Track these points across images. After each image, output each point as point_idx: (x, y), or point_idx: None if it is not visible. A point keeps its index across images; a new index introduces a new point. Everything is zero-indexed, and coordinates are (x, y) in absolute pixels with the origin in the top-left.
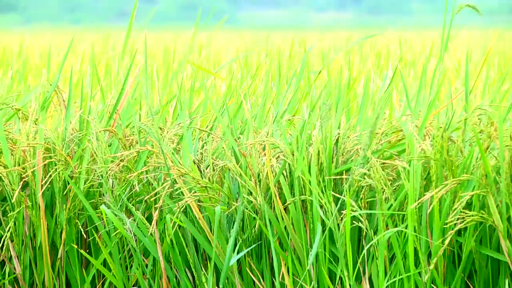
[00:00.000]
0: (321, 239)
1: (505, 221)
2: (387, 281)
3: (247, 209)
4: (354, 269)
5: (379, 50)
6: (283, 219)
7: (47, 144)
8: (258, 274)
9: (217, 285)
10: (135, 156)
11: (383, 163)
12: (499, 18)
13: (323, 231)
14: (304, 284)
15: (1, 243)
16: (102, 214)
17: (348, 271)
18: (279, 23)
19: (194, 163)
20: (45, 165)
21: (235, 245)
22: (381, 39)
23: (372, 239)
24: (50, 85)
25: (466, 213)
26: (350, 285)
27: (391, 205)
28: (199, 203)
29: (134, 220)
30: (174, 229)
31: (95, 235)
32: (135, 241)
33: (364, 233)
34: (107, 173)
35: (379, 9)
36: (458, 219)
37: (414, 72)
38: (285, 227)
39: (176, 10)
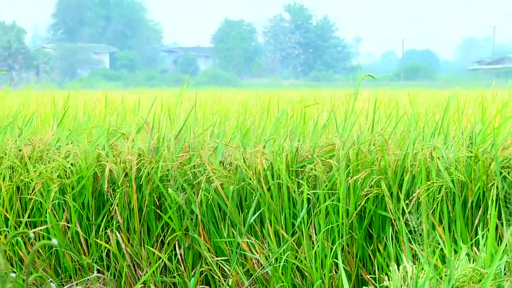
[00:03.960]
0: (288, 204)
1: (393, 194)
2: (325, 227)
3: (248, 187)
4: (307, 222)
5: (323, 100)
6: (265, 192)
7: (139, 151)
8: (254, 224)
9: (232, 228)
10: (189, 157)
11: (323, 162)
12: (387, 82)
13: (289, 200)
14: (279, 229)
15: (113, 207)
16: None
17: (303, 223)
18: (263, 86)
19: (221, 162)
20: (137, 163)
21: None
22: (322, 94)
23: (316, 205)
24: (143, 121)
25: (369, 190)
26: (303, 231)
27: (327, 185)
28: (222, 186)
29: (186, 194)
30: (209, 199)
31: (165, 202)
32: (186, 205)
33: (312, 201)
34: (172, 167)
35: (318, 78)
36: (366, 194)
37: (341, 111)
38: (268, 198)
39: (208, 79)
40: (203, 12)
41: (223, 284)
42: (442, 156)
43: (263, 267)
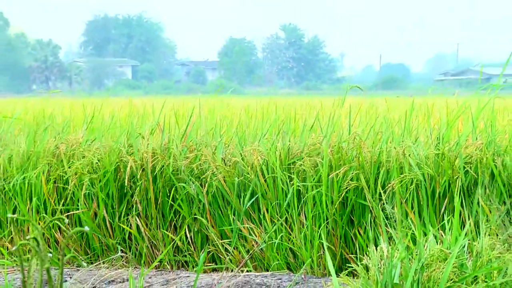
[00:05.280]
0: (282, 195)
1: (370, 186)
2: (312, 213)
3: (246, 180)
4: (297, 208)
5: (312, 106)
6: (262, 184)
7: (153, 150)
8: (252, 210)
9: (233, 215)
10: (195, 155)
11: (310, 158)
12: (367, 91)
13: (282, 191)
14: (275, 215)
15: (134, 197)
16: (181, 183)
17: (294, 210)
18: (263, 94)
19: (222, 159)
20: (152, 160)
21: (241, 196)
22: (311, 101)
23: (305, 195)
24: (155, 123)
25: (350, 182)
26: (294, 217)
27: (314, 178)
28: (224, 178)
29: (194, 185)
30: (213, 189)
31: (176, 193)
32: (195, 195)
33: (301, 191)
34: (181, 163)
35: (309, 87)
36: (347, 186)
37: (328, 115)
38: (265, 189)
39: (215, 88)
40: (211, 31)
41: (227, 261)
42: (413, 153)
43: (260, 246)
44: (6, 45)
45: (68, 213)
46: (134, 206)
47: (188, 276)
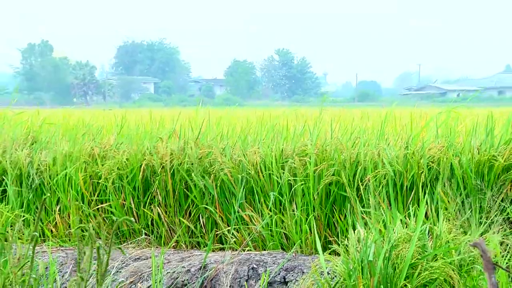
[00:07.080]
0: (276, 188)
1: (350, 180)
2: (301, 201)
3: (247, 176)
4: (288, 198)
5: (302, 115)
6: (260, 179)
7: (171, 151)
8: (253, 202)
9: (237, 204)
10: (207, 153)
11: (300, 158)
12: (346, 103)
13: (277, 185)
14: (270, 205)
15: (154, 190)
16: (193, 178)
17: (287, 200)
18: (260, 106)
19: (230, 157)
20: (170, 159)
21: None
22: (301, 111)
23: (296, 188)
24: (173, 129)
25: (332, 177)
26: (286, 205)
27: (302, 174)
28: (230, 173)
29: (205, 180)
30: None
31: (191, 185)
32: (205, 188)
33: (292, 185)
34: (195, 161)
35: (298, 100)
36: (328, 179)
37: (313, 122)
38: (263, 183)
39: (222, 101)
40: (219, 55)
41: (231, 243)
42: (386, 154)
43: (257, 230)
44: (52, 67)
45: (104, 204)
46: (156, 197)
47: (200, 255)
